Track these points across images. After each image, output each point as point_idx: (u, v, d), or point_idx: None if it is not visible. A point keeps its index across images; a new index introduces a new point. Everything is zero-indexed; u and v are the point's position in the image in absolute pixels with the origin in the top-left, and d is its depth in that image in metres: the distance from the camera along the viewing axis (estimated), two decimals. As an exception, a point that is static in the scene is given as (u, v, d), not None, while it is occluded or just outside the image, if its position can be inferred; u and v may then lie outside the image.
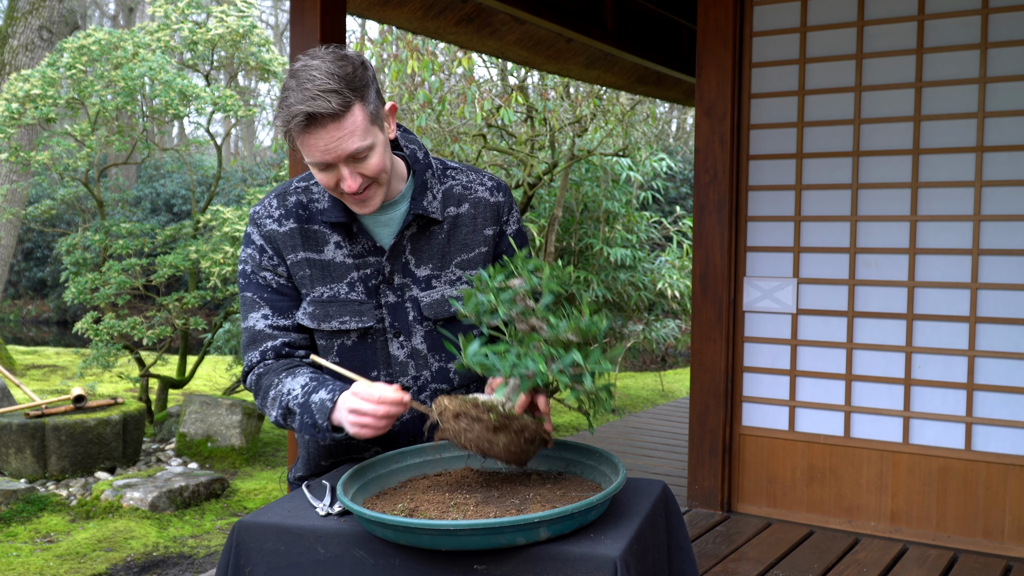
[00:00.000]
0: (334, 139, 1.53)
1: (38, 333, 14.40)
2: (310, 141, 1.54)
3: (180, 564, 3.94)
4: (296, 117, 1.51)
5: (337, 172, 1.58)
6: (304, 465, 1.85)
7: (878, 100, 3.81)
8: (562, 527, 1.30)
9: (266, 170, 14.20)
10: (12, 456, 4.94)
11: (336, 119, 1.52)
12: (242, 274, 1.76)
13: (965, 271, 3.66)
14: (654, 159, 9.11)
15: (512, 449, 1.43)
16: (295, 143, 1.58)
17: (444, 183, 1.75)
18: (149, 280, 6.16)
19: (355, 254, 1.71)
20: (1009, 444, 3.60)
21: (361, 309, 1.70)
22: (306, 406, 1.59)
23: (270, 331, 1.72)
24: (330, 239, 1.71)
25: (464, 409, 1.43)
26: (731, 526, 3.89)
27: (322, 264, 1.71)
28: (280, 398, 1.64)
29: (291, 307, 1.73)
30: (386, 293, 1.71)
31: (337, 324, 1.71)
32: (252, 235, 1.74)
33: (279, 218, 1.72)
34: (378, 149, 1.59)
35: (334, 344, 1.73)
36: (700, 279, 4.10)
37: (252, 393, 1.74)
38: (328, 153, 1.54)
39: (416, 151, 1.75)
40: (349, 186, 1.57)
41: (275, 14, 25.56)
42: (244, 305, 1.75)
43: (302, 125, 1.52)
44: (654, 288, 8.81)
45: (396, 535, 1.30)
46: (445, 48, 8.17)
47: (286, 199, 1.73)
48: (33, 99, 5.92)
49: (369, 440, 1.75)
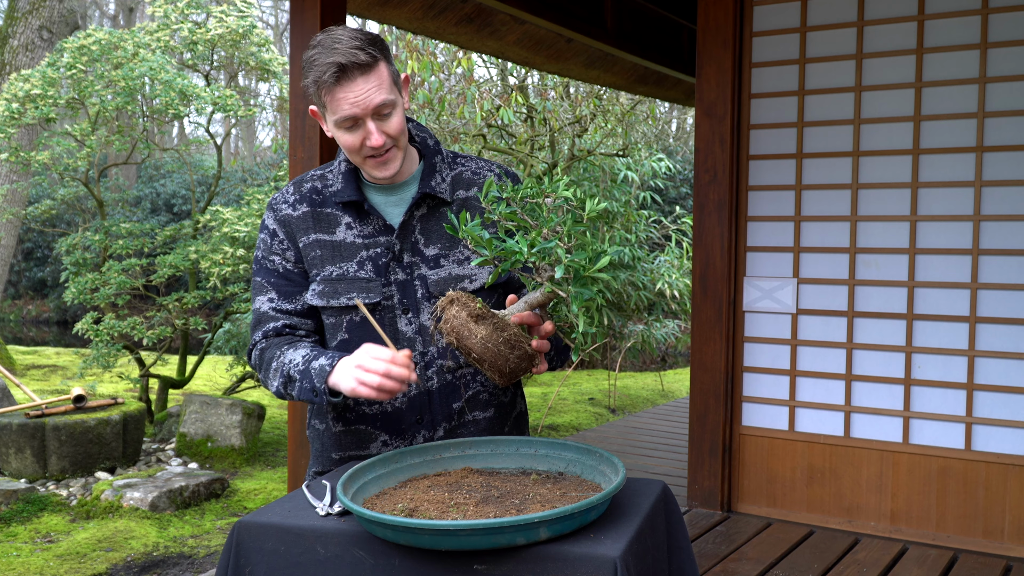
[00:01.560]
0: (364, 91, 1.61)
1: (38, 333, 14.40)
2: (340, 94, 1.61)
3: (180, 564, 3.94)
4: (329, 68, 1.59)
5: (363, 130, 1.65)
6: (316, 459, 1.87)
7: (878, 100, 3.81)
8: (562, 527, 1.30)
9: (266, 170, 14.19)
10: (12, 456, 4.94)
11: (365, 71, 1.61)
12: (255, 260, 1.84)
13: (965, 271, 3.66)
14: (653, 159, 9.11)
15: (488, 345, 1.45)
16: (323, 102, 1.64)
17: (454, 169, 1.82)
18: (149, 280, 6.16)
19: (365, 234, 1.76)
20: (1009, 444, 3.60)
21: (369, 286, 1.74)
22: (306, 372, 1.65)
23: (273, 313, 1.78)
24: (341, 220, 1.77)
25: (460, 298, 1.48)
26: (731, 526, 3.89)
27: (333, 245, 1.76)
28: (282, 368, 1.70)
29: (296, 292, 1.79)
30: (395, 270, 1.75)
31: (345, 300, 1.74)
32: (267, 220, 1.81)
33: (294, 203, 1.79)
34: (399, 110, 1.67)
35: (343, 321, 1.76)
36: (700, 279, 4.10)
37: (255, 368, 1.81)
38: (357, 105, 1.61)
39: (427, 139, 1.82)
40: (375, 140, 1.64)
41: (275, 14, 25.57)
42: (254, 288, 1.83)
43: (335, 76, 1.59)
44: (653, 288, 8.81)
45: (396, 535, 1.30)
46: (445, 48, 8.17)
47: (302, 185, 1.81)
48: (33, 99, 5.92)
49: (375, 424, 1.77)
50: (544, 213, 1.48)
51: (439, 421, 1.76)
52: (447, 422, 1.76)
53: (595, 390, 8.24)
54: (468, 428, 1.79)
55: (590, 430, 6.26)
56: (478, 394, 1.79)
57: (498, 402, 1.82)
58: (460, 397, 1.76)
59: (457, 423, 1.77)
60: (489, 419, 1.81)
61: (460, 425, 1.78)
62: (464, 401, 1.77)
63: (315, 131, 3.54)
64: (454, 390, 1.76)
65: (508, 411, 1.86)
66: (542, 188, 1.51)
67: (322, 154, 3.52)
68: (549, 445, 1.63)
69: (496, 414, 1.82)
